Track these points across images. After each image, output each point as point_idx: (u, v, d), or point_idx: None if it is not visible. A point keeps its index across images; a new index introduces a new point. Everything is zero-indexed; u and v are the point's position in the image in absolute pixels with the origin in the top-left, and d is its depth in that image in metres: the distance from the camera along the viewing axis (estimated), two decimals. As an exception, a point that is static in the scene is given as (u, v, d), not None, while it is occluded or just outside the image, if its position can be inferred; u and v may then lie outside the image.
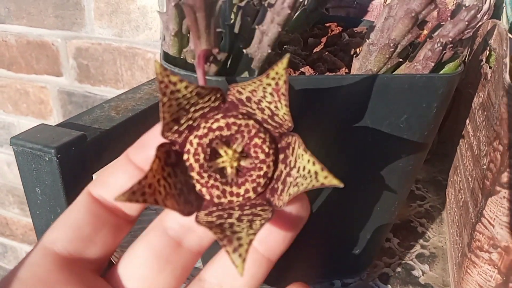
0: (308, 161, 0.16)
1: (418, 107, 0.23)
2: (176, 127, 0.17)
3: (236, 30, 0.22)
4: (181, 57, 0.24)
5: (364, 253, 0.32)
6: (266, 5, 0.20)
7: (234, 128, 0.18)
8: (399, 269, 0.34)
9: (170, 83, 0.16)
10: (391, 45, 0.23)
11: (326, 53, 0.28)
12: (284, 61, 0.16)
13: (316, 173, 0.16)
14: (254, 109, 0.18)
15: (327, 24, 0.34)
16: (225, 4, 0.25)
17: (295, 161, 0.17)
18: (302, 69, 0.24)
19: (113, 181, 0.18)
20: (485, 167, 0.25)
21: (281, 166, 0.18)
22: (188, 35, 0.23)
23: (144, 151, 0.18)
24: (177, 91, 0.16)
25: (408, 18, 0.22)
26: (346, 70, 0.28)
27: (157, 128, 0.18)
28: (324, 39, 0.32)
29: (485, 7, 0.42)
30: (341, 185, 0.15)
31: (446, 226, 0.39)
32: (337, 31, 0.33)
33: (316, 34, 0.34)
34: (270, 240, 0.18)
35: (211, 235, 0.18)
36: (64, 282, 0.17)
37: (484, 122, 0.27)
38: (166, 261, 0.18)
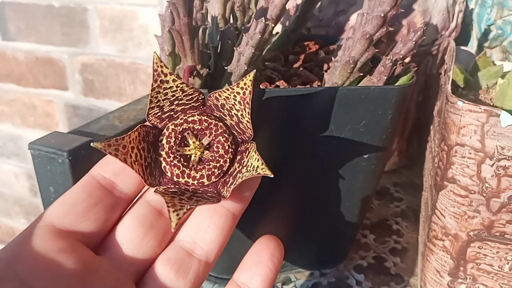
0: (256, 159, 0.20)
1: (375, 114, 0.27)
2: (159, 113, 0.22)
3: (219, 50, 0.26)
4: (174, 73, 0.28)
5: (339, 246, 0.36)
6: (243, 29, 0.24)
7: (205, 124, 0.22)
8: (372, 261, 0.38)
9: (162, 73, 0.21)
10: (351, 62, 0.27)
11: (301, 68, 0.32)
12: (251, 74, 0.20)
13: (257, 166, 0.20)
14: (225, 115, 0.22)
15: (306, 43, 0.38)
16: (213, 28, 0.29)
17: (248, 161, 0.21)
18: (277, 83, 0.29)
19: (114, 160, 0.21)
20: (436, 165, 0.29)
21: (236, 165, 0.22)
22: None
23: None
24: (166, 82, 0.21)
25: (364, 39, 0.26)
26: (319, 83, 0.32)
27: None
28: (302, 56, 0.36)
29: (452, 25, 0.46)
30: (271, 175, 0.19)
31: (419, 224, 0.42)
32: (314, 49, 0.37)
33: (297, 51, 0.38)
34: (232, 197, 0.21)
35: None
36: (58, 251, 0.20)
37: (438, 127, 0.31)
38: (149, 227, 0.22)
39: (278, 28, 0.43)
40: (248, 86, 0.20)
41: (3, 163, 1.01)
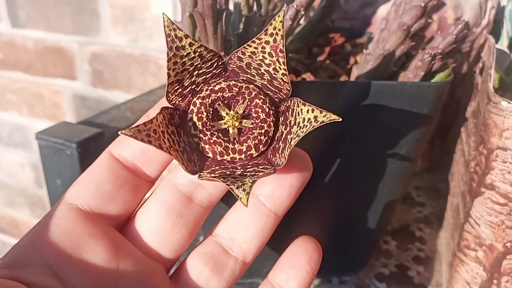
0: (307, 111, 0.17)
1: (410, 112, 0.25)
2: (180, 89, 0.19)
3: (243, 38, 0.24)
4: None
5: (361, 252, 0.34)
6: (270, 16, 0.22)
7: (235, 89, 0.19)
8: (395, 270, 0.36)
9: (176, 38, 0.17)
10: (386, 55, 0.25)
11: (328, 61, 0.30)
12: (281, 14, 0.17)
13: (315, 117, 0.17)
14: (254, 75, 0.19)
15: (331, 35, 0.36)
16: (235, 15, 0.27)
17: (295, 119, 0.18)
18: (303, 76, 0.26)
19: (132, 142, 0.19)
20: (472, 170, 0.27)
21: (281, 128, 0.19)
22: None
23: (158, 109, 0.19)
24: (182, 48, 0.18)
25: (401, 31, 0.24)
26: (346, 78, 0.30)
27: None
28: (327, 49, 0.34)
29: (484, 22, 0.44)
30: (339, 119, 0.16)
31: (443, 231, 0.40)
32: (340, 42, 0.35)
33: (321, 44, 0.36)
34: (276, 195, 0.19)
35: (220, 191, 0.20)
36: (88, 235, 0.18)
37: (473, 129, 0.29)
38: (178, 216, 0.20)
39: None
40: (279, 30, 0.17)
41: (9, 153, 1.00)
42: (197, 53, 0.18)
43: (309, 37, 0.35)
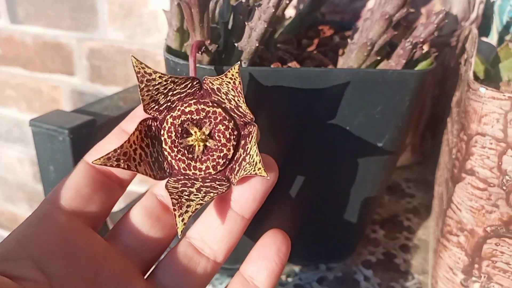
0: (255, 152, 0.20)
1: (392, 100, 0.26)
2: (156, 106, 0.21)
3: (229, 26, 0.25)
4: (182, 51, 0.27)
5: (348, 240, 0.35)
6: (256, 4, 0.23)
7: (203, 113, 0.21)
8: (382, 257, 0.36)
9: (145, 74, 0.20)
10: (368, 44, 0.26)
11: (315, 52, 0.31)
12: (236, 66, 0.19)
13: (256, 163, 0.19)
14: (223, 99, 0.21)
15: (320, 27, 0.36)
16: (224, 3, 0.28)
17: (250, 148, 0.20)
18: (289, 64, 0.27)
19: (108, 148, 0.21)
20: (454, 157, 0.28)
21: (240, 151, 0.21)
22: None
23: (134, 122, 0.21)
24: (152, 80, 0.20)
25: (383, 20, 0.25)
26: (333, 68, 0.30)
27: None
28: (316, 41, 0.35)
29: (473, 16, 0.45)
30: (268, 177, 0.19)
31: (431, 221, 0.41)
32: (329, 34, 0.36)
33: (310, 36, 0.36)
34: (242, 200, 0.21)
35: None
36: (70, 231, 0.20)
37: (456, 117, 0.30)
38: (157, 219, 0.22)
39: (292, 13, 0.42)
40: (237, 78, 0.20)
41: (7, 148, 1.01)
42: (169, 81, 0.20)
43: (298, 29, 0.36)
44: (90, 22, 0.79)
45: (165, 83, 0.20)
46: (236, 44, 0.24)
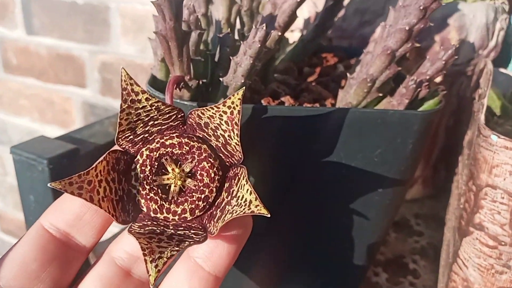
0: (247, 190, 0.17)
1: (393, 142, 0.23)
2: (131, 136, 0.19)
3: (216, 59, 0.23)
4: (167, 81, 0.25)
5: (345, 285, 0.32)
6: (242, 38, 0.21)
7: (186, 148, 0.19)
8: (383, 304, 0.34)
9: (132, 92, 0.18)
10: (369, 80, 0.23)
11: (314, 83, 0.29)
12: (240, 92, 0.17)
13: (250, 201, 0.16)
14: (210, 135, 0.19)
15: (324, 55, 0.34)
16: (215, 34, 0.26)
17: (238, 191, 0.18)
18: (282, 99, 0.25)
19: (67, 206, 0.18)
20: (461, 206, 0.25)
21: (224, 194, 0.19)
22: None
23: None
24: (137, 101, 0.18)
25: (385, 55, 0.22)
26: (332, 101, 0.28)
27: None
28: (318, 69, 0.33)
29: (492, 43, 0.42)
30: (268, 215, 0.15)
31: (439, 265, 0.38)
32: (333, 62, 0.34)
33: (313, 63, 0.34)
34: (214, 256, 0.18)
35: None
36: None
37: (466, 160, 0.27)
38: None
39: (297, 36, 0.40)
40: (237, 106, 0.17)
41: (20, 156, 1.01)
42: (154, 107, 0.18)
43: (301, 56, 0.34)
44: (103, 35, 0.79)
45: (149, 108, 0.18)
46: (221, 79, 0.22)
